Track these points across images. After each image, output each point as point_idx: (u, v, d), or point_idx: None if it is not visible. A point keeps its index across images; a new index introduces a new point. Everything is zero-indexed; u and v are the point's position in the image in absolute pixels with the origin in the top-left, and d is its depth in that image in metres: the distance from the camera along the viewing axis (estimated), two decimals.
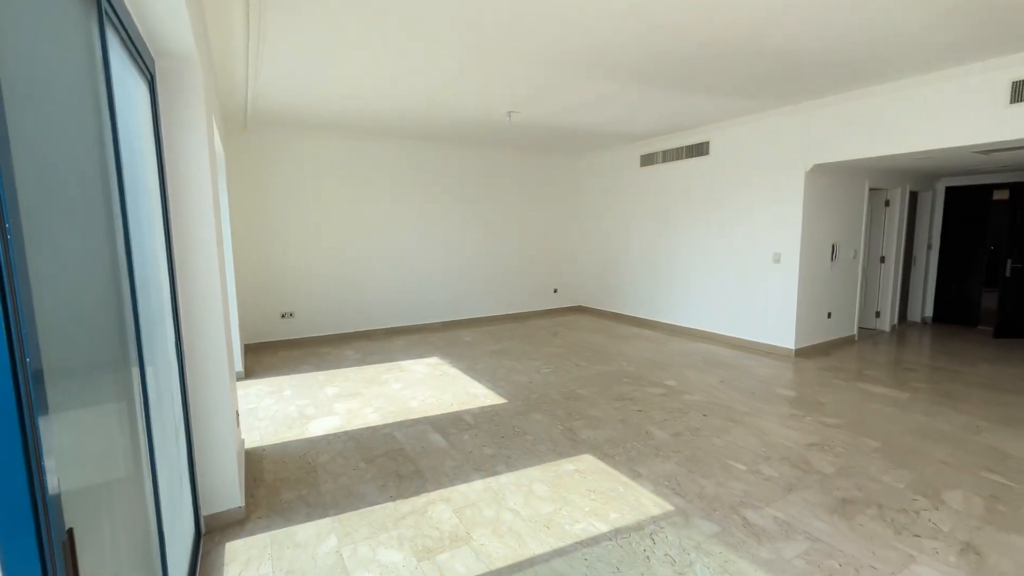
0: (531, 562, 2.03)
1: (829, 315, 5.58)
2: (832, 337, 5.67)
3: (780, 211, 5.17)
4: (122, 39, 1.45)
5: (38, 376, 0.70)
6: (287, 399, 3.99)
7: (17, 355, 0.65)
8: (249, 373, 4.71)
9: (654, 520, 2.30)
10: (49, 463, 0.70)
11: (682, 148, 6.16)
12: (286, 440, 3.22)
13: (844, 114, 4.52)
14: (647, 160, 6.71)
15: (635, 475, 2.72)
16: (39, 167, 0.89)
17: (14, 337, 0.64)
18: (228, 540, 2.19)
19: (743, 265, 5.59)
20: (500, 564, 2.02)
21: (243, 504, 2.35)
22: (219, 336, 2.21)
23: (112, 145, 1.29)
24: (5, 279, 0.64)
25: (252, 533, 2.24)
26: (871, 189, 6.01)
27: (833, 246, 5.48)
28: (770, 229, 5.29)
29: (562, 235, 8.01)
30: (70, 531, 0.75)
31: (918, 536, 2.18)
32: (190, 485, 2.13)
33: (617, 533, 2.21)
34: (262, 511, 2.41)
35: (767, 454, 2.96)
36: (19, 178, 0.73)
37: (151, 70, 1.88)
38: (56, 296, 0.90)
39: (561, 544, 2.14)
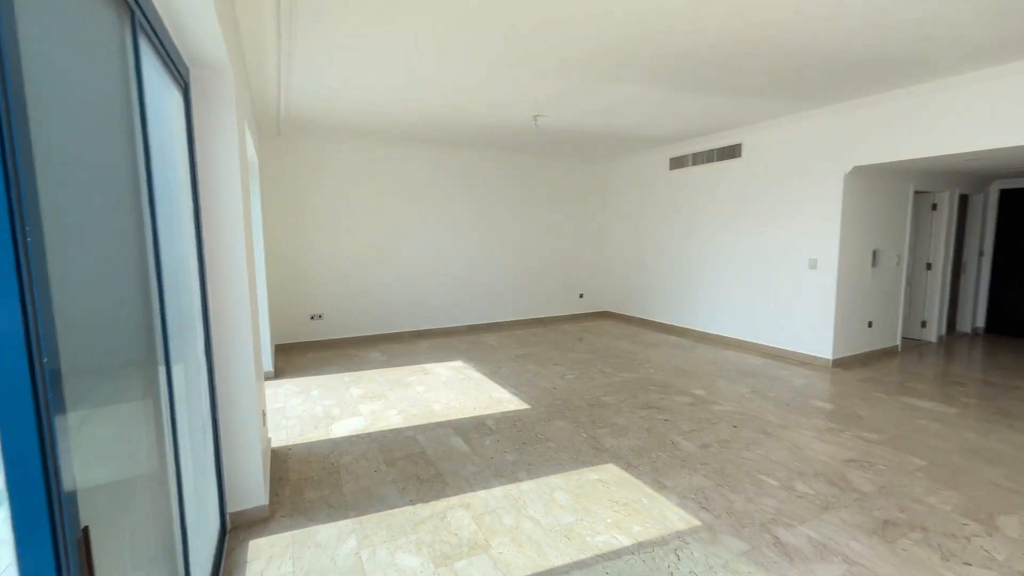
0: (550, 573, 1.98)
1: (870, 324, 5.32)
2: (873, 347, 5.40)
3: (817, 215, 4.97)
4: (155, 48, 1.50)
5: (55, 376, 0.71)
6: (314, 399, 4.07)
7: (35, 355, 0.66)
8: (279, 373, 4.83)
9: (679, 535, 2.22)
10: (65, 462, 0.71)
11: (713, 150, 6.00)
12: (311, 440, 3.27)
13: (887, 113, 4.30)
14: (677, 163, 6.57)
15: (660, 487, 2.63)
16: (66, 170, 0.92)
17: (32, 337, 0.66)
18: (252, 537, 2.23)
19: (777, 271, 5.39)
20: (518, 574, 1.98)
21: (267, 502, 2.39)
22: (247, 338, 2.26)
23: (143, 150, 1.33)
24: (24, 281, 0.65)
25: (275, 532, 2.27)
26: (916, 192, 5.71)
27: (875, 252, 5.22)
28: (806, 234, 5.08)
29: (589, 239, 7.93)
30: (85, 529, 0.76)
31: (968, 564, 2.03)
32: (217, 482, 2.18)
33: (640, 547, 2.14)
34: (286, 510, 2.44)
35: (801, 469, 2.82)
36: (44, 181, 0.75)
37: (185, 78, 1.95)
38: (81, 297, 0.93)
39: (581, 556, 2.09)
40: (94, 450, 0.93)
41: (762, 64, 3.46)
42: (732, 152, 5.77)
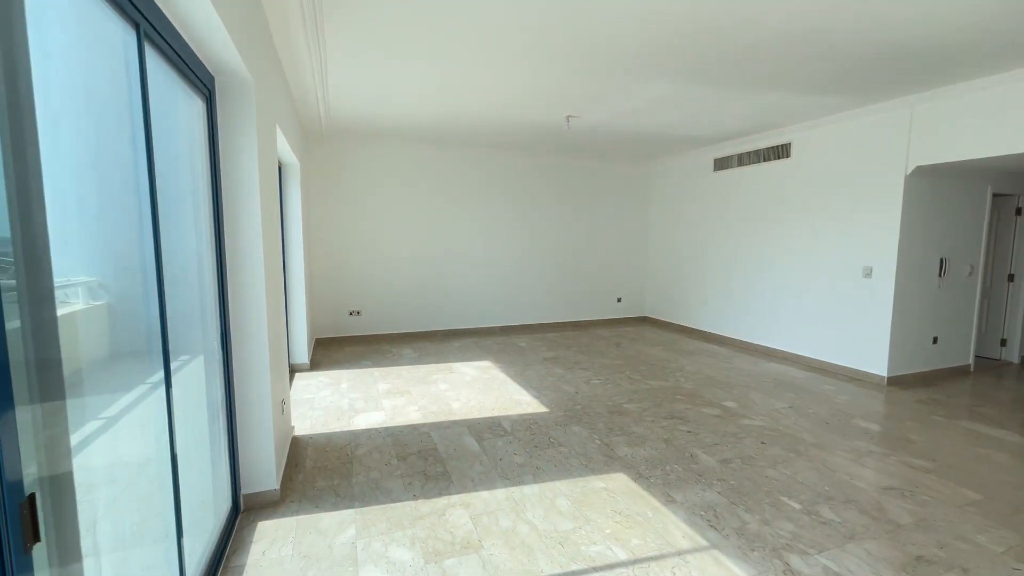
0: None
1: (935, 340, 4.83)
2: (938, 366, 4.90)
3: (873, 219, 4.58)
4: (168, 57, 1.62)
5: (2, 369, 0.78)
6: (342, 392, 4.23)
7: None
8: (315, 365, 5.06)
9: (680, 553, 2.11)
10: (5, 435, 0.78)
11: (760, 151, 5.68)
12: (332, 431, 3.40)
13: (958, 108, 3.90)
14: (721, 164, 6.28)
15: (668, 500, 2.52)
16: (72, 172, 1.01)
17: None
18: (261, 519, 2.35)
19: (827, 279, 5.01)
20: None
21: (279, 487, 2.51)
22: (262, 332, 2.38)
23: (145, 151, 1.44)
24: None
25: (283, 515, 2.38)
26: (995, 195, 5.13)
27: (942, 260, 4.74)
28: (860, 239, 4.69)
29: (628, 243, 7.73)
30: (31, 496, 0.83)
31: None
32: (230, 465, 2.32)
33: (635, 562, 2.05)
34: (295, 495, 2.56)
35: (830, 494, 2.60)
36: (53, 182, 0.83)
37: (208, 85, 2.09)
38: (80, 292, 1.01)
39: (573, 566, 2.03)
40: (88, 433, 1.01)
41: (819, 58, 3.23)
42: (780, 152, 5.44)
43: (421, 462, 2.95)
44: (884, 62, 3.34)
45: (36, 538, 0.84)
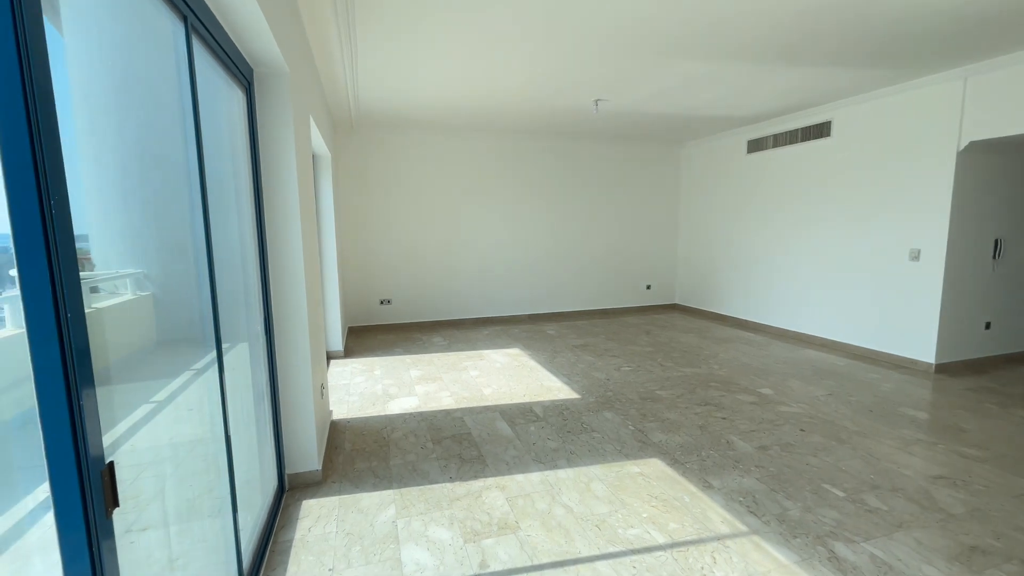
0: (575, 560, 1.96)
1: (988, 325, 4.59)
2: (992, 353, 4.66)
3: (921, 199, 4.36)
4: (211, 48, 1.66)
5: (82, 353, 0.83)
6: (376, 378, 4.33)
7: (64, 335, 0.78)
8: (348, 353, 5.19)
9: (719, 538, 2.09)
10: (88, 410, 0.83)
11: (797, 130, 5.47)
12: (368, 415, 3.49)
13: (1016, 77, 3.65)
14: (755, 146, 6.07)
15: (706, 486, 2.49)
16: (119, 162, 1.06)
17: (62, 320, 0.78)
18: (306, 498, 2.44)
19: (870, 263, 4.81)
20: (544, 558, 1.98)
21: (320, 468, 2.60)
22: (303, 319, 2.45)
23: (195, 141, 1.49)
24: (55, 265, 0.76)
25: (326, 495, 2.47)
26: None
27: (997, 241, 4.48)
28: (907, 221, 4.48)
29: (658, 229, 7.59)
30: (110, 464, 0.88)
31: None
32: (276, 447, 2.41)
33: (674, 546, 2.05)
34: (337, 476, 2.64)
35: (875, 482, 2.53)
36: (90, 173, 0.87)
37: (248, 77, 2.14)
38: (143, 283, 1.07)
39: (611, 548, 2.04)
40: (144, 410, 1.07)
41: (863, 28, 3.08)
42: (820, 131, 5.22)
43: (456, 446, 3.00)
44: (934, 30, 3.15)
45: (115, 503, 0.90)
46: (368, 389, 4.05)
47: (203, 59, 1.59)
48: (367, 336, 6.00)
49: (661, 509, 2.30)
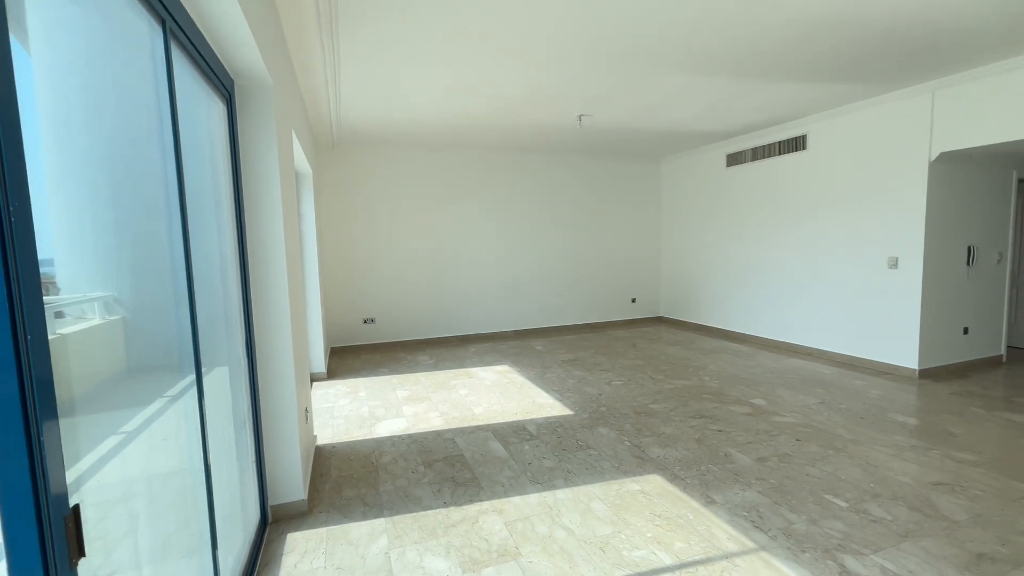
0: None
1: (965, 331, 4.70)
2: (971, 357, 4.76)
3: (896, 209, 4.47)
4: (192, 58, 1.58)
5: (44, 384, 0.73)
6: (361, 400, 4.17)
7: (23, 363, 0.69)
8: (331, 374, 5.02)
9: (727, 556, 2.02)
10: (51, 447, 0.73)
11: (775, 144, 5.60)
12: (355, 439, 3.34)
13: (982, 91, 3.81)
14: (734, 159, 6.20)
15: (708, 502, 2.43)
16: (89, 177, 0.97)
17: (20, 346, 0.68)
18: (290, 531, 2.29)
19: (851, 272, 4.90)
20: None
21: (306, 497, 2.45)
22: (287, 340, 2.33)
23: (174, 158, 1.40)
24: (15, 286, 0.67)
25: (312, 526, 2.32)
26: (1020, 180, 5.01)
27: (970, 248, 4.62)
28: (884, 230, 4.59)
29: (641, 243, 7.65)
30: (76, 507, 0.78)
31: None
32: (258, 476, 2.26)
33: (682, 566, 1.97)
34: (324, 506, 2.49)
35: (876, 491, 2.50)
36: (60, 181, 0.78)
37: (229, 88, 2.06)
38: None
39: (617, 572, 1.95)
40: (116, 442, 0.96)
41: (836, 45, 3.17)
42: (796, 144, 5.35)
43: (448, 468, 2.88)
44: (903, 47, 3.27)
45: (81, 553, 0.79)
46: (353, 411, 3.89)
47: (182, 67, 1.51)
48: (350, 356, 5.82)
49: (665, 528, 2.23)
